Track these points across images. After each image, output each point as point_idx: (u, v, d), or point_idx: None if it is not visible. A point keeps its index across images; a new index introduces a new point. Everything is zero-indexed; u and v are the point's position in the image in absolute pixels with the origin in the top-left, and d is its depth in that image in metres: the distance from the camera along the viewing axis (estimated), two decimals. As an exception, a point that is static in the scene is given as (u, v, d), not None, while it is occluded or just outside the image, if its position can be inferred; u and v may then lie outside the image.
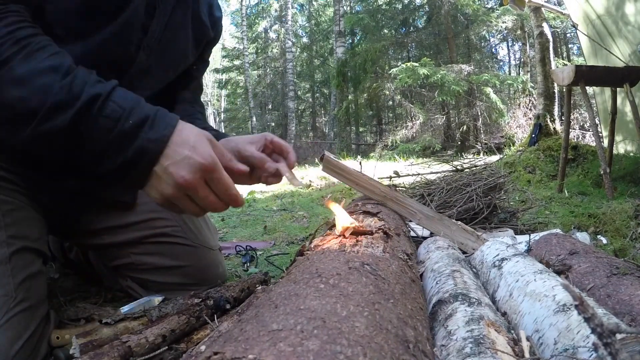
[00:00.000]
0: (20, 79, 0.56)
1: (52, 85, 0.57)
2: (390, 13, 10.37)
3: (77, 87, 0.58)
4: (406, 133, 9.02)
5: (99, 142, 0.59)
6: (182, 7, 0.87)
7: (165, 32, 0.84)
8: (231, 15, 19.85)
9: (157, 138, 0.59)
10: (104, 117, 0.58)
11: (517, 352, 0.44)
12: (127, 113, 0.59)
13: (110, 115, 0.58)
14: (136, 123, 0.59)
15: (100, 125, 0.58)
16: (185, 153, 0.60)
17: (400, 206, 1.14)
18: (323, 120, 18.03)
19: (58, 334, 0.72)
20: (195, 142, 0.61)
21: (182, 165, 0.60)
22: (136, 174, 0.61)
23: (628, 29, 2.98)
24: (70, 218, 0.93)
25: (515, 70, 13.04)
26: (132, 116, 0.59)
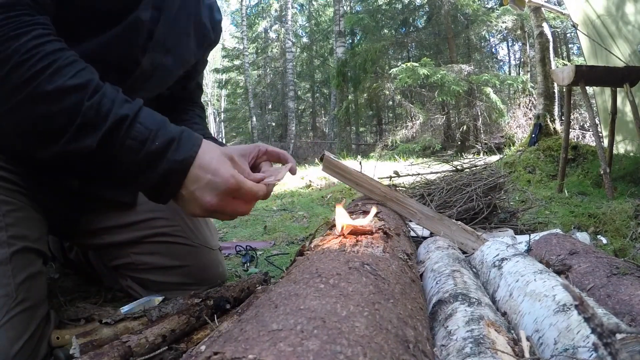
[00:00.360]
0: (48, 96, 0.56)
1: (81, 104, 0.57)
2: (390, 13, 10.37)
3: (105, 107, 0.58)
4: (406, 133, 9.02)
5: (126, 163, 0.60)
6: (185, 11, 0.87)
7: (169, 36, 0.84)
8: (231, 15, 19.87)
9: (183, 159, 0.61)
10: (131, 139, 0.59)
11: (517, 352, 0.44)
12: (153, 135, 0.60)
13: (137, 137, 0.59)
14: (162, 145, 0.60)
15: (127, 146, 0.59)
16: (207, 178, 0.62)
17: (400, 206, 1.14)
18: (323, 120, 18.03)
19: (58, 334, 0.72)
20: (217, 165, 0.63)
21: (207, 190, 0.62)
22: (164, 194, 0.64)
23: (628, 29, 2.98)
24: (70, 218, 0.93)
25: (515, 70, 13.04)
26: (158, 138, 0.60)
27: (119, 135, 0.59)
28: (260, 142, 0.87)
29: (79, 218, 0.94)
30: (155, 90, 0.91)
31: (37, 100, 0.56)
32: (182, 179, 0.62)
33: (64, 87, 0.57)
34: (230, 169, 0.64)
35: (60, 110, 0.57)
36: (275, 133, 17.00)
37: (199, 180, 0.62)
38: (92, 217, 0.95)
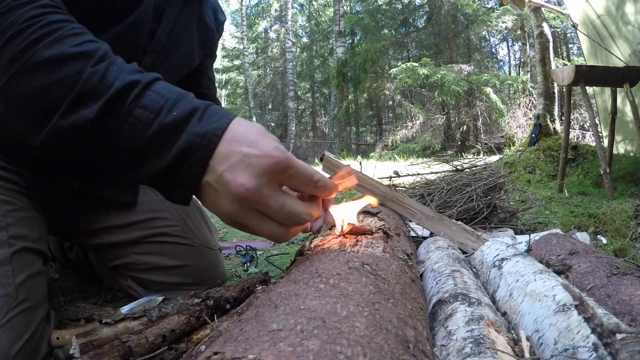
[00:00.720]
0: (46, 63, 0.48)
1: (81, 72, 0.47)
2: (390, 13, 10.38)
3: (112, 74, 0.47)
4: (406, 133, 9.03)
5: (134, 140, 0.46)
6: (188, 11, 0.87)
7: (171, 36, 0.84)
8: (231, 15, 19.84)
9: (207, 131, 0.46)
10: (141, 108, 0.46)
11: (517, 352, 0.44)
12: (170, 104, 0.47)
13: (149, 106, 0.46)
14: (181, 115, 0.46)
15: (135, 117, 0.46)
16: (243, 151, 0.45)
17: (400, 206, 1.14)
18: (323, 120, 18.03)
19: (58, 334, 0.72)
20: (255, 136, 0.46)
21: (239, 168, 0.45)
22: (182, 180, 0.47)
23: (628, 29, 2.98)
24: (70, 218, 0.93)
25: (515, 70, 13.04)
26: (177, 108, 0.47)
27: (125, 104, 0.46)
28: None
29: (79, 218, 0.94)
30: None
31: (33, 70, 0.48)
32: (206, 157, 0.45)
33: (65, 54, 0.48)
34: (272, 141, 0.47)
35: (58, 80, 0.47)
36: (275, 133, 17.01)
37: (231, 157, 0.45)
38: (92, 217, 0.95)
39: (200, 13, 0.93)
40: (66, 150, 0.51)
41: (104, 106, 0.46)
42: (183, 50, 0.90)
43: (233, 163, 0.45)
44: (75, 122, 0.47)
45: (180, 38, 0.87)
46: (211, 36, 0.98)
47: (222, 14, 1.03)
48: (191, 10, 0.89)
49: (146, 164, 0.47)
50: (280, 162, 0.45)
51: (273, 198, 0.46)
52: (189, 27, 0.90)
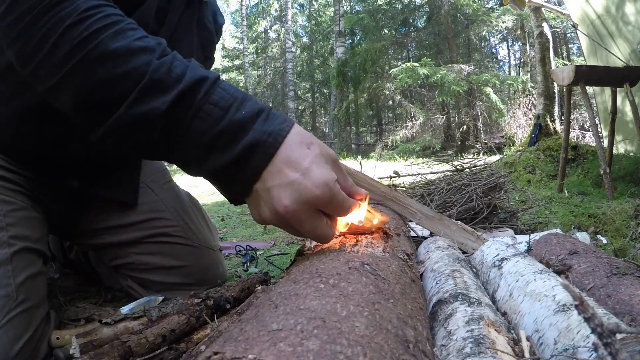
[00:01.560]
0: (112, 55, 0.48)
1: (148, 65, 0.48)
2: (390, 13, 10.38)
3: (178, 68, 0.49)
4: (406, 133, 9.03)
5: (202, 134, 0.48)
6: (189, 13, 0.87)
7: (173, 37, 0.84)
8: (231, 15, 19.85)
9: (273, 130, 0.48)
10: (211, 105, 0.48)
11: (517, 352, 0.44)
12: (238, 102, 0.49)
13: (219, 102, 0.48)
14: (249, 114, 0.48)
15: (206, 112, 0.48)
16: (293, 177, 0.47)
17: (400, 206, 1.14)
18: (323, 120, 18.04)
19: (58, 335, 0.72)
20: (312, 160, 0.49)
21: (287, 191, 0.47)
22: (244, 175, 0.49)
23: (628, 29, 2.98)
24: (70, 218, 0.93)
25: (515, 70, 13.05)
26: (245, 107, 0.49)
27: (197, 98, 0.47)
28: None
29: (79, 218, 0.94)
30: None
31: (99, 61, 0.48)
32: (270, 154, 0.48)
33: (131, 47, 0.48)
34: (327, 173, 0.49)
35: (126, 72, 0.47)
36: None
37: (283, 176, 0.48)
38: (92, 217, 0.95)
39: (201, 16, 0.93)
40: (128, 141, 0.51)
41: (176, 99, 0.47)
42: (184, 52, 0.90)
43: (283, 183, 0.48)
44: (145, 114, 0.47)
45: (181, 40, 0.87)
46: (211, 39, 0.98)
47: (221, 17, 1.03)
48: (192, 12, 0.89)
49: (211, 158, 0.49)
50: (325, 197, 0.49)
51: (308, 222, 0.50)
52: (190, 30, 0.90)
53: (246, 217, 2.40)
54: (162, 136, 0.49)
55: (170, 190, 1.04)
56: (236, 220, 2.32)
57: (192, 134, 0.48)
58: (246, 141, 0.48)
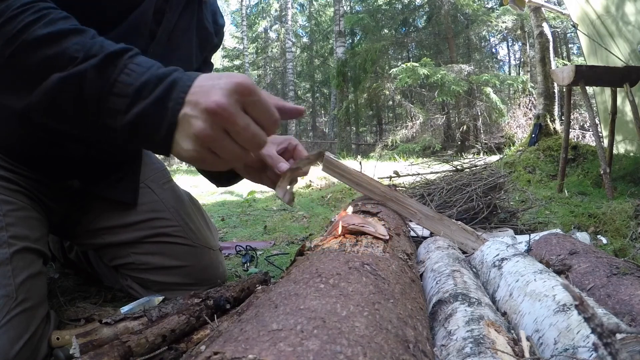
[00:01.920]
0: (45, 39, 0.54)
1: (83, 43, 0.54)
2: (390, 13, 10.38)
3: (110, 45, 0.55)
4: (406, 133, 9.03)
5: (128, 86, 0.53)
6: (188, 13, 0.88)
7: (171, 37, 0.84)
8: (231, 15, 19.84)
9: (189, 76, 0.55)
10: (135, 64, 0.55)
11: (517, 352, 0.44)
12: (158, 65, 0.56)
13: (142, 63, 0.55)
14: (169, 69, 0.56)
15: (131, 69, 0.54)
16: (213, 82, 0.53)
17: (400, 206, 1.14)
18: (323, 120, 18.04)
19: (58, 335, 0.72)
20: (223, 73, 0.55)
21: (212, 91, 0.52)
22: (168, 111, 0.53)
23: (628, 29, 2.98)
24: (70, 218, 0.93)
25: (515, 70, 13.05)
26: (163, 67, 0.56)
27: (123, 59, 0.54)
28: (292, 136, 0.81)
29: (79, 218, 0.94)
30: None
31: (33, 46, 0.54)
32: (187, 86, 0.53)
33: (62, 29, 0.55)
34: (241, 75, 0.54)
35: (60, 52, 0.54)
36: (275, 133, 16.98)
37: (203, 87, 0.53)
38: (92, 217, 0.95)
39: (200, 16, 0.93)
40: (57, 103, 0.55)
41: (105, 57, 0.53)
42: (182, 53, 0.90)
43: (205, 90, 0.52)
44: (77, 71, 0.53)
45: (181, 41, 0.87)
46: (210, 40, 0.98)
47: (221, 18, 1.03)
48: (191, 13, 0.89)
49: (137, 104, 0.53)
50: (245, 83, 0.52)
51: (240, 117, 0.52)
52: (189, 30, 0.90)
53: (246, 217, 2.40)
54: (92, 92, 0.53)
55: (170, 190, 1.04)
56: (236, 220, 2.32)
57: (119, 85, 0.54)
58: (166, 82, 0.53)
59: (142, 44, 0.79)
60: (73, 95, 0.54)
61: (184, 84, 0.54)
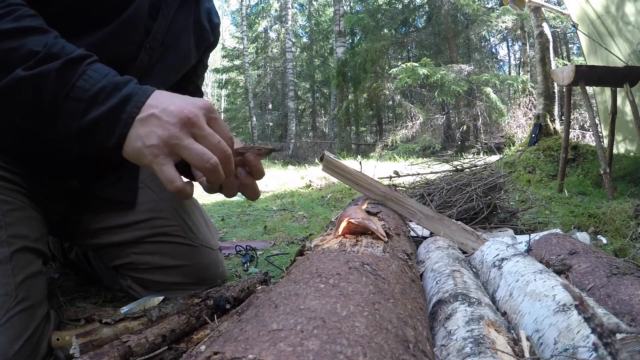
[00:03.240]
0: (12, 32, 0.56)
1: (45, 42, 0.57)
2: (390, 13, 10.38)
3: (70, 47, 0.59)
4: (406, 133, 9.03)
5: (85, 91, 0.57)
6: (185, 11, 0.88)
7: (168, 34, 0.84)
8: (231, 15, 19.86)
9: (144, 90, 0.59)
10: (93, 70, 0.58)
11: (517, 352, 0.44)
12: (114, 73, 0.59)
13: (100, 70, 0.58)
14: (125, 79, 0.59)
15: (89, 75, 0.57)
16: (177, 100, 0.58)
17: (400, 206, 1.14)
18: (323, 120, 18.04)
19: (58, 336, 0.72)
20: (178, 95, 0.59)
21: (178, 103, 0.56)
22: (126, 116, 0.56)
23: (628, 29, 2.98)
24: (70, 218, 0.93)
25: (515, 70, 13.05)
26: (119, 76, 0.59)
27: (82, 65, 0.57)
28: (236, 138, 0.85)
29: (79, 218, 0.94)
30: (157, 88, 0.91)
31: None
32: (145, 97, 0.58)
33: (27, 26, 0.58)
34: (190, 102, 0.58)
35: (20, 45, 0.56)
36: (275, 133, 17.01)
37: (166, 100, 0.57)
38: (92, 217, 0.95)
39: (197, 14, 0.93)
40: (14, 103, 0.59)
41: (65, 62, 0.56)
42: (181, 50, 0.90)
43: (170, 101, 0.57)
44: (39, 72, 0.55)
45: (178, 37, 0.88)
46: (206, 37, 0.98)
47: (216, 17, 1.03)
48: (188, 10, 0.89)
49: (93, 109, 0.56)
50: (208, 104, 0.58)
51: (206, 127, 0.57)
52: (187, 28, 0.90)
53: (246, 217, 2.40)
54: (51, 92, 0.56)
55: (170, 190, 1.04)
56: (236, 220, 2.32)
57: (76, 90, 0.56)
58: (121, 94, 0.57)
59: (137, 39, 0.79)
60: (32, 94, 0.57)
61: (139, 98, 0.57)
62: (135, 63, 0.81)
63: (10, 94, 0.58)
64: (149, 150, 0.55)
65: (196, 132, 0.56)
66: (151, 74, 0.85)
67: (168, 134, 0.55)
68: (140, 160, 0.57)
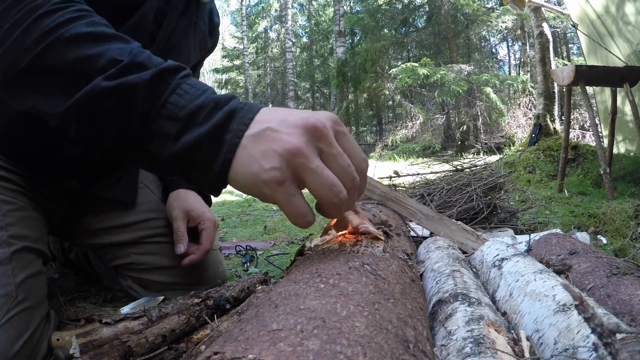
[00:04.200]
0: (87, 38, 0.49)
1: (127, 50, 0.48)
2: (390, 13, 10.37)
3: (157, 59, 0.49)
4: (406, 133, 9.03)
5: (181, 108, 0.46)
6: (187, 16, 0.88)
7: (169, 40, 0.84)
8: (231, 15, 19.85)
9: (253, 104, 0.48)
10: (189, 85, 0.48)
11: (517, 352, 0.44)
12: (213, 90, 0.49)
13: (196, 85, 0.48)
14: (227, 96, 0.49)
15: (184, 90, 0.47)
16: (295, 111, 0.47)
17: (400, 206, 1.14)
18: (323, 120, 17.98)
19: (58, 336, 0.72)
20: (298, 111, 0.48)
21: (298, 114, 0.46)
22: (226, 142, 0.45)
23: (628, 29, 2.98)
24: (70, 218, 0.93)
25: (515, 70, 13.04)
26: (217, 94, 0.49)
27: (175, 78, 0.48)
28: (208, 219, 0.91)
29: (79, 218, 0.94)
30: None
31: (71, 42, 0.48)
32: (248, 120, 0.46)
33: (105, 32, 0.50)
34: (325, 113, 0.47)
35: (101, 53, 0.48)
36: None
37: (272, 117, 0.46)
38: (92, 217, 0.95)
39: (197, 18, 0.93)
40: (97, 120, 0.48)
41: (156, 72, 0.47)
42: (181, 54, 0.90)
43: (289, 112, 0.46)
44: (123, 82, 0.46)
45: (179, 43, 0.88)
46: (204, 41, 0.99)
47: (217, 16, 1.04)
48: (189, 15, 0.89)
49: (190, 130, 0.46)
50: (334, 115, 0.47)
51: (336, 144, 0.45)
52: (187, 33, 0.90)
53: (246, 217, 2.40)
54: (140, 109, 0.46)
55: (170, 190, 1.04)
56: (236, 220, 2.32)
57: (169, 107, 0.46)
58: (224, 111, 0.46)
59: (142, 46, 0.79)
60: (117, 108, 0.47)
61: (245, 114, 0.46)
62: None
63: (90, 110, 0.47)
64: (269, 176, 0.43)
65: (324, 149, 0.45)
66: None
67: (292, 148, 0.43)
68: (258, 190, 0.45)
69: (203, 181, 0.48)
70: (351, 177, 0.46)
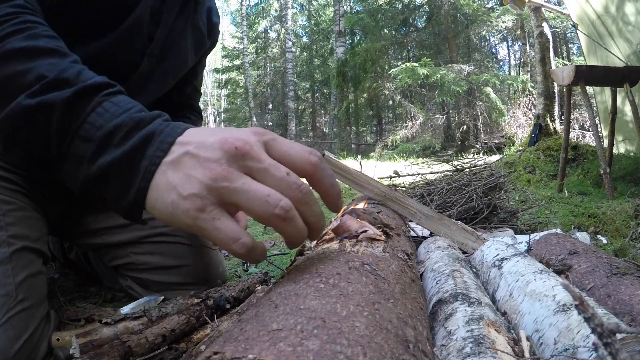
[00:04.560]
0: (20, 52, 0.48)
1: (59, 65, 0.47)
2: (390, 13, 10.38)
3: (88, 74, 0.48)
4: (406, 133, 9.03)
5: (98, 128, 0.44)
6: (184, 15, 0.88)
7: (167, 39, 0.84)
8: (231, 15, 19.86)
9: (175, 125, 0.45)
10: (111, 103, 0.45)
11: (517, 352, 0.44)
12: (140, 107, 0.47)
13: (120, 102, 0.46)
14: (151, 115, 0.46)
15: (104, 108, 0.45)
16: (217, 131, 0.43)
17: (400, 206, 1.14)
18: (323, 120, 18.04)
19: (58, 336, 0.72)
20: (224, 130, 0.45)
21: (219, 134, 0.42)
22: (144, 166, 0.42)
23: (628, 29, 2.98)
24: (70, 218, 0.93)
25: (515, 70, 13.05)
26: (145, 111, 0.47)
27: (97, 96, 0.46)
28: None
29: (78, 218, 0.94)
30: (153, 94, 0.91)
31: (5, 58, 0.48)
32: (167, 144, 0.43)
33: (40, 47, 0.48)
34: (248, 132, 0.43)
35: (29, 69, 0.47)
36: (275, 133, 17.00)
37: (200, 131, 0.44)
38: (92, 217, 0.95)
39: (195, 17, 0.93)
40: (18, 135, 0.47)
41: (78, 90, 0.45)
42: (179, 54, 0.91)
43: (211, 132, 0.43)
44: (43, 100, 0.45)
45: (177, 42, 0.88)
46: (203, 41, 0.99)
47: (217, 16, 1.03)
48: (187, 13, 0.89)
49: (106, 152, 0.44)
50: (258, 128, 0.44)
51: (265, 157, 0.41)
52: (185, 32, 0.90)
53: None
54: (56, 128, 0.45)
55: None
56: (236, 220, 2.32)
57: (87, 127, 0.44)
58: (142, 134, 0.43)
59: (140, 46, 0.79)
60: (38, 126, 0.45)
61: (164, 138, 0.43)
62: (138, 70, 0.81)
63: (13, 127, 0.46)
64: (189, 203, 0.39)
65: (252, 166, 0.41)
66: (150, 80, 0.86)
67: (211, 174, 0.39)
68: (178, 220, 0.41)
69: (119, 208, 0.45)
70: (294, 185, 0.41)
